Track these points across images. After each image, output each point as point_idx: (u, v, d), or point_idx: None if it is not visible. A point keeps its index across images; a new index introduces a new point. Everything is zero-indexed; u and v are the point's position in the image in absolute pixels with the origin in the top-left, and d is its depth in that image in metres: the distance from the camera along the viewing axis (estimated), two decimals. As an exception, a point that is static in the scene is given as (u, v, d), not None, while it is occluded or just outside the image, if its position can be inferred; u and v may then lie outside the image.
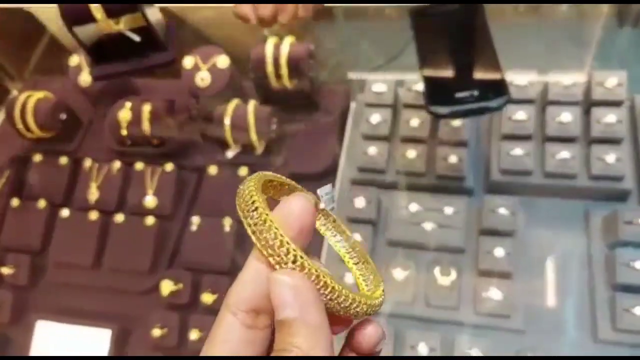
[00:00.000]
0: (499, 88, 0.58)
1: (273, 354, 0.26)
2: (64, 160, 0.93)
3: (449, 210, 0.75)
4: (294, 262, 0.25)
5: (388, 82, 0.84)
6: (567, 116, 0.75)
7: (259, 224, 0.26)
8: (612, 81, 0.74)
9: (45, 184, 0.92)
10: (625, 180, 0.73)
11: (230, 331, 0.27)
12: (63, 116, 0.94)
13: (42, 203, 0.90)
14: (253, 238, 0.26)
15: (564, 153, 0.73)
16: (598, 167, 0.72)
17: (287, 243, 0.25)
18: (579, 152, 0.74)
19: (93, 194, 0.88)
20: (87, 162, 0.91)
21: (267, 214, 0.26)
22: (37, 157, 0.95)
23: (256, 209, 0.26)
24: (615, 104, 0.75)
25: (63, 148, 0.96)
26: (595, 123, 0.74)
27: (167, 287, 0.76)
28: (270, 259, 0.26)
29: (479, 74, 0.59)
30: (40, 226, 0.88)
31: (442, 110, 0.57)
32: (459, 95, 0.58)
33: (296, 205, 0.27)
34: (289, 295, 0.25)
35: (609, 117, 0.73)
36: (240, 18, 0.85)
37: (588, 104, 0.76)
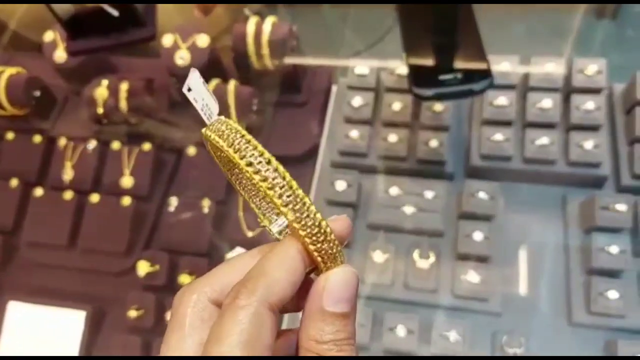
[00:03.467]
0: (482, 71, 0.58)
1: (314, 345, 0.24)
2: (37, 138, 0.91)
3: (429, 194, 0.75)
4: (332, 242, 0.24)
5: (371, 64, 0.84)
6: (547, 102, 0.75)
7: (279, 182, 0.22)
8: (592, 68, 0.75)
9: (18, 163, 0.90)
10: (602, 167, 0.74)
11: (272, 329, 0.24)
12: (37, 93, 0.92)
13: (14, 182, 0.87)
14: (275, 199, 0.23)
15: (543, 139, 0.74)
16: (576, 154, 0.73)
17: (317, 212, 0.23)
18: (558, 138, 0.74)
19: (68, 174, 0.86)
20: (62, 141, 0.89)
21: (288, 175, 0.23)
22: (10, 135, 0.92)
23: (269, 161, 0.23)
24: (595, 91, 0.75)
25: (37, 126, 0.93)
26: (574, 109, 0.75)
27: (143, 267, 0.74)
28: (304, 233, 0.23)
29: (463, 57, 0.59)
30: (12, 205, 0.86)
31: (426, 92, 0.57)
32: (443, 77, 0.57)
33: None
34: (347, 292, 0.25)
35: (588, 104, 0.74)
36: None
37: (568, 91, 0.77)
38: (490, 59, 0.62)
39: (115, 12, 0.69)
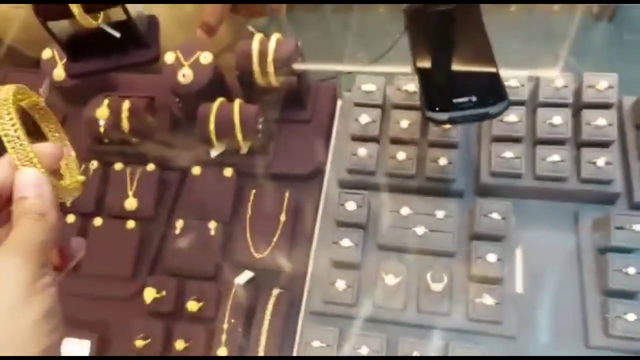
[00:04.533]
0: (498, 93, 0.56)
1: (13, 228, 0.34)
2: (36, 159, 0.88)
3: (440, 213, 0.74)
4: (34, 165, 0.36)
5: (377, 81, 0.82)
6: (557, 119, 0.74)
7: (12, 134, 0.35)
8: (603, 84, 0.74)
9: (17, 185, 0.88)
10: (614, 184, 0.73)
11: None
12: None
13: (14, 205, 0.85)
14: (6, 142, 0.35)
15: (554, 156, 0.73)
16: (588, 171, 0.72)
17: (32, 152, 0.35)
18: (569, 155, 0.73)
19: (69, 196, 0.84)
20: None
21: (20, 129, 0.35)
22: (8, 156, 0.90)
23: (13, 124, 0.35)
24: (606, 106, 0.74)
25: (36, 146, 0.91)
26: (585, 126, 0.74)
27: (150, 294, 0.73)
28: (18, 161, 0.35)
29: (478, 79, 0.58)
30: (12, 229, 0.83)
31: (441, 116, 0.55)
32: (457, 100, 0.56)
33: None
34: (31, 180, 0.35)
35: (600, 121, 0.73)
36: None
37: (578, 106, 0.76)
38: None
39: (117, 34, 0.68)
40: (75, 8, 0.61)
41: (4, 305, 0.32)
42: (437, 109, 0.56)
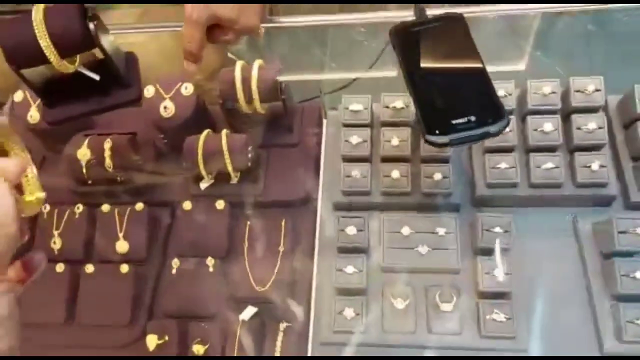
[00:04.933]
0: (496, 111, 0.55)
1: None
2: (17, 206, 0.85)
3: (441, 231, 0.73)
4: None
5: (363, 100, 0.81)
6: (548, 126, 0.74)
7: None
8: (591, 87, 0.74)
9: None
10: (610, 186, 0.73)
11: None
12: (11, 157, 0.86)
13: (-3, 257, 0.81)
14: None
15: (548, 163, 0.73)
16: (584, 175, 0.72)
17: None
18: (563, 161, 0.73)
19: (56, 243, 0.81)
20: (45, 207, 0.83)
21: None
22: (-14, 205, 0.86)
23: None
24: (594, 109, 0.75)
25: (15, 192, 0.87)
26: (576, 130, 0.74)
27: (153, 341, 0.70)
28: None
29: (474, 99, 0.57)
30: None
31: (441, 139, 0.54)
32: (456, 121, 0.55)
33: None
34: None
35: (590, 124, 0.73)
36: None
37: (567, 111, 0.76)
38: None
39: (96, 76, 0.65)
40: (51, 54, 0.59)
41: None
42: (437, 132, 0.55)
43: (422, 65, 0.60)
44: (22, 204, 0.41)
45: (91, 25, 0.59)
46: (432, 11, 0.66)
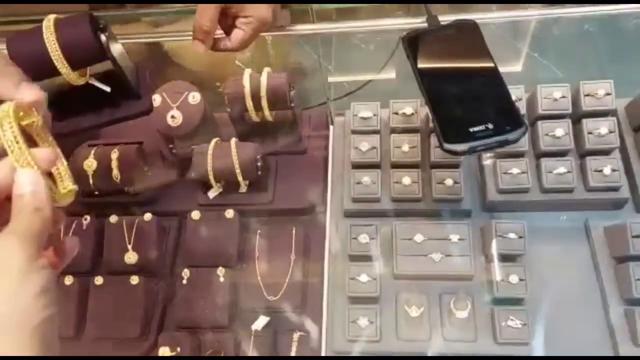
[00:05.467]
0: (514, 118, 0.55)
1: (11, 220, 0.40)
2: (23, 218, 0.84)
3: (454, 237, 0.72)
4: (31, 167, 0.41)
5: (372, 106, 0.81)
6: (559, 130, 0.74)
7: (12, 140, 0.41)
8: (601, 91, 0.74)
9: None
10: (622, 189, 0.73)
11: None
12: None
13: (4, 270, 0.80)
14: (7, 147, 0.41)
15: (560, 168, 0.73)
16: (596, 179, 0.72)
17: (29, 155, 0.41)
18: (574, 165, 0.73)
19: (63, 255, 0.80)
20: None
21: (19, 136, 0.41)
22: (-9, 217, 0.85)
23: (13, 132, 0.41)
24: (605, 113, 0.75)
25: (20, 204, 0.86)
26: (587, 135, 0.74)
27: (165, 353, 0.69)
28: (16, 163, 0.40)
29: (491, 105, 0.57)
30: (5, 297, 0.78)
31: (459, 147, 0.54)
32: (474, 129, 0.55)
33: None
34: (29, 179, 0.40)
35: (602, 129, 0.73)
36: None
37: (578, 116, 0.76)
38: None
39: (107, 88, 0.64)
40: (62, 66, 0.58)
41: (7, 280, 0.37)
42: (455, 140, 0.54)
43: (438, 72, 0.60)
44: (56, 194, 0.44)
45: (102, 37, 0.58)
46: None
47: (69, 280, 0.77)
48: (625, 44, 1.07)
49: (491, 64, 0.59)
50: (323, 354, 0.71)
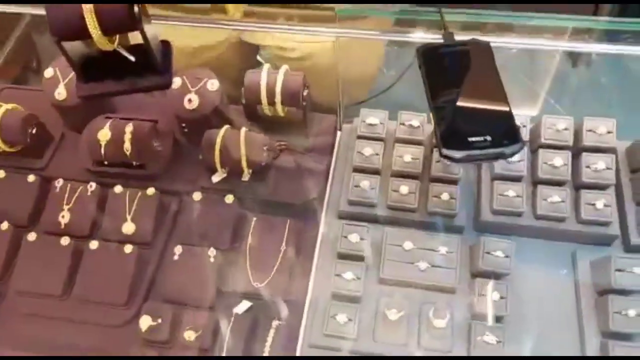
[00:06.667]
0: (512, 134, 0.58)
1: None
2: (31, 178, 0.87)
3: (442, 249, 0.74)
4: None
5: (380, 114, 0.84)
6: (558, 160, 0.76)
7: None
8: (603, 129, 0.76)
9: (10, 204, 0.85)
10: (613, 226, 0.74)
11: None
12: (33, 130, 0.88)
13: (4, 225, 0.82)
14: None
15: (554, 197, 0.75)
16: (588, 212, 0.74)
17: None
18: (569, 196, 0.75)
19: (64, 217, 0.82)
20: (58, 182, 0.85)
21: None
22: (1, 174, 0.88)
23: None
24: (604, 150, 0.77)
25: (31, 164, 0.89)
26: (585, 169, 0.76)
27: (146, 322, 0.71)
28: None
29: (492, 119, 0.59)
30: (2, 250, 0.81)
31: (456, 154, 0.56)
32: (472, 139, 0.57)
33: None
34: None
35: (600, 164, 0.75)
36: None
37: (578, 149, 0.78)
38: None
39: (132, 57, 0.67)
40: (94, 30, 0.61)
41: None
42: (453, 146, 0.57)
43: (446, 84, 0.63)
44: None
45: (135, 8, 0.62)
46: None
47: (65, 240, 0.79)
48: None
49: (497, 83, 0.62)
50: (299, 346, 0.72)
